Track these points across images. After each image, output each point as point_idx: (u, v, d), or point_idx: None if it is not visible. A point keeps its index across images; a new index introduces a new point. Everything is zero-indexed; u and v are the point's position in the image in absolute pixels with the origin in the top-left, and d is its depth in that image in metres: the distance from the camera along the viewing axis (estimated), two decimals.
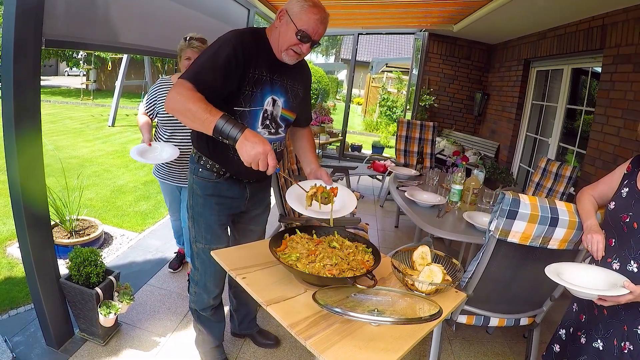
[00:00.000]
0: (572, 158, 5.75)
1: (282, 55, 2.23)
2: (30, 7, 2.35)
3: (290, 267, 1.84)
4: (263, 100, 2.25)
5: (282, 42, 2.19)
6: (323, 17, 2.18)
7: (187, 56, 3.24)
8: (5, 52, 2.33)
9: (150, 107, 3.46)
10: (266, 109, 2.28)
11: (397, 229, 6.01)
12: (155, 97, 3.42)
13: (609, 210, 2.13)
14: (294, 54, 2.22)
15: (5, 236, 4.70)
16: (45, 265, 2.79)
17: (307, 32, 2.15)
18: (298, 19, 2.14)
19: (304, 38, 2.16)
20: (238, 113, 2.21)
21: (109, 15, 3.21)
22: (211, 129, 1.93)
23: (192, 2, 4.44)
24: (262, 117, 2.28)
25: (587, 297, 1.92)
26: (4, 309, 3.37)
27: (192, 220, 2.54)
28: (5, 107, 2.41)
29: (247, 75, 2.17)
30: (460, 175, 3.65)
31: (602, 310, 2.06)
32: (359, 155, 10.67)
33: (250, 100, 2.21)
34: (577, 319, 2.27)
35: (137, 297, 3.55)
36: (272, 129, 2.35)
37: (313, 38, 2.18)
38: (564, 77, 6.03)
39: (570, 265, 2.12)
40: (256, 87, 2.21)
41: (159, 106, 3.40)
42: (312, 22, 2.14)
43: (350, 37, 10.51)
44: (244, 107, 2.21)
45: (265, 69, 2.24)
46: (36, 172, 2.63)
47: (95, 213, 5.45)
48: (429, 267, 1.96)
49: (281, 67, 2.30)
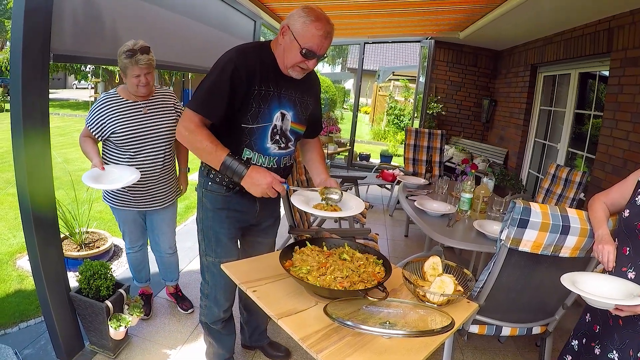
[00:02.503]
0: (582, 163, 5.71)
1: (289, 72, 2.22)
2: (38, 23, 2.37)
3: (301, 280, 1.84)
4: (271, 116, 2.25)
5: (287, 59, 2.17)
6: (327, 32, 2.11)
7: (136, 74, 2.91)
8: (14, 66, 2.36)
9: (98, 127, 3.00)
10: (275, 124, 2.27)
11: (407, 238, 5.99)
12: (107, 115, 2.99)
13: (623, 219, 2.11)
14: (301, 70, 2.21)
15: (16, 249, 4.73)
16: (55, 278, 2.80)
17: (311, 49, 2.10)
18: (301, 37, 2.09)
19: (309, 55, 2.11)
20: (246, 130, 2.22)
21: (115, 29, 3.23)
22: (218, 167, 2.09)
23: (199, 15, 4.48)
24: (271, 133, 2.27)
25: (603, 306, 1.90)
26: (15, 321, 3.39)
27: (202, 233, 2.54)
28: (15, 121, 2.43)
29: (252, 92, 2.17)
30: (470, 184, 3.64)
31: (618, 321, 2.04)
32: (368, 165, 10.65)
33: (257, 116, 2.21)
34: (591, 329, 2.25)
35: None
36: (282, 144, 2.34)
37: (318, 53, 2.13)
38: (572, 82, 6.00)
39: (585, 275, 2.10)
40: (263, 103, 2.20)
41: (115, 125, 2.99)
42: (315, 38, 2.09)
43: (357, 46, 10.53)
44: (251, 124, 2.21)
45: (272, 83, 2.23)
46: (46, 185, 2.64)
47: (104, 225, 5.47)
48: (440, 278, 1.95)
49: (289, 81, 2.28)
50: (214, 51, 4.45)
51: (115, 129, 2.99)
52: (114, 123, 2.99)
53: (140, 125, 3.06)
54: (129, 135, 3.02)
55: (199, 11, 4.51)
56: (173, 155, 3.35)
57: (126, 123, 3.01)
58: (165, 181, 3.31)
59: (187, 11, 4.26)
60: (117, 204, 3.24)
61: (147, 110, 3.11)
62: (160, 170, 3.22)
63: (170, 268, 3.71)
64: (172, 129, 3.20)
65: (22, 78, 2.35)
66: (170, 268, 3.71)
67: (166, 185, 3.33)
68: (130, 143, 3.05)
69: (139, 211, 3.34)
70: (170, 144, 3.24)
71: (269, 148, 2.29)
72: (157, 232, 3.50)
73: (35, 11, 2.34)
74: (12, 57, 2.36)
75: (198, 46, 4.48)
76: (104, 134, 3.02)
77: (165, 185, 3.32)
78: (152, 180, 3.20)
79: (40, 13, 2.38)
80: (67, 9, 2.66)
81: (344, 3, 5.17)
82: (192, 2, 4.35)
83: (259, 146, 2.27)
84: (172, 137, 3.22)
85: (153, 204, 3.29)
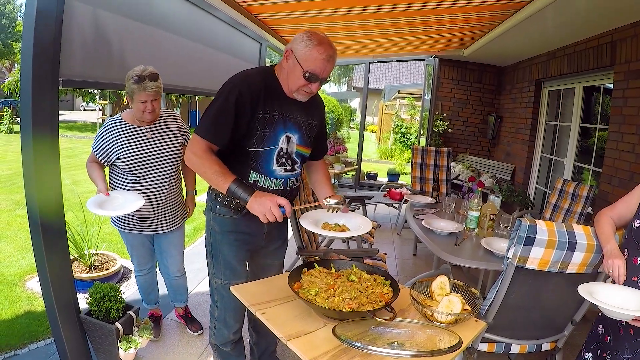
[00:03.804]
0: (589, 177, 5.70)
1: (295, 95, 2.27)
2: (47, 49, 2.42)
3: (310, 301, 1.85)
4: (277, 139, 2.29)
5: (291, 83, 2.23)
6: (329, 56, 2.17)
7: (143, 100, 2.94)
8: (24, 91, 2.41)
9: (103, 152, 3.03)
10: (281, 147, 2.31)
11: (415, 257, 5.98)
12: (112, 141, 3.02)
13: (633, 229, 2.12)
14: (305, 93, 2.26)
15: (25, 270, 4.78)
16: (65, 300, 2.81)
17: (314, 72, 2.16)
18: (304, 61, 2.14)
19: (312, 78, 2.17)
20: (252, 153, 2.26)
21: (123, 54, 3.29)
22: (226, 192, 2.13)
23: (205, 38, 4.56)
24: (277, 156, 2.31)
25: (621, 317, 1.91)
26: (24, 342, 3.42)
27: (211, 256, 2.56)
28: (25, 144, 2.47)
29: (257, 116, 2.21)
30: (477, 202, 3.64)
31: (628, 330, 2.04)
32: (375, 184, 10.66)
33: (263, 140, 2.25)
34: (603, 340, 2.25)
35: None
36: (288, 166, 2.38)
37: (321, 77, 2.19)
38: (576, 96, 6.03)
39: (599, 285, 2.11)
40: (268, 127, 2.25)
41: (120, 150, 3.02)
42: (318, 62, 2.14)
43: (362, 65, 10.58)
44: (257, 147, 2.25)
45: (277, 107, 2.27)
46: (55, 206, 2.67)
47: (113, 247, 5.50)
48: (447, 298, 1.96)
49: (293, 104, 2.33)
50: (220, 74, 4.51)
51: (120, 154, 3.02)
52: (119, 148, 3.02)
53: (144, 150, 3.09)
54: (134, 160, 3.05)
55: (205, 34, 4.58)
56: (179, 178, 3.38)
57: (131, 148, 3.04)
58: (172, 204, 3.33)
59: (194, 34, 4.33)
60: (125, 227, 3.26)
61: (152, 135, 3.14)
62: (167, 194, 3.24)
63: (179, 290, 3.72)
64: (177, 152, 3.23)
65: (32, 103, 2.39)
66: (179, 290, 3.72)
67: (173, 209, 3.35)
68: (136, 168, 3.07)
69: (146, 234, 3.36)
70: (175, 168, 3.26)
71: (275, 171, 2.33)
72: (166, 255, 3.52)
73: (45, 37, 2.39)
74: (22, 82, 2.41)
75: (204, 69, 4.54)
76: (110, 159, 3.05)
77: (172, 208, 3.34)
78: (158, 204, 3.22)
79: (50, 39, 2.43)
80: (76, 35, 2.71)
81: (349, 24, 5.23)
82: (199, 26, 4.42)
83: (265, 169, 2.30)
84: (177, 160, 3.25)
85: (160, 228, 3.31)
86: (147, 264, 3.53)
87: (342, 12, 4.57)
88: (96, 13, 2.92)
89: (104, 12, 3.00)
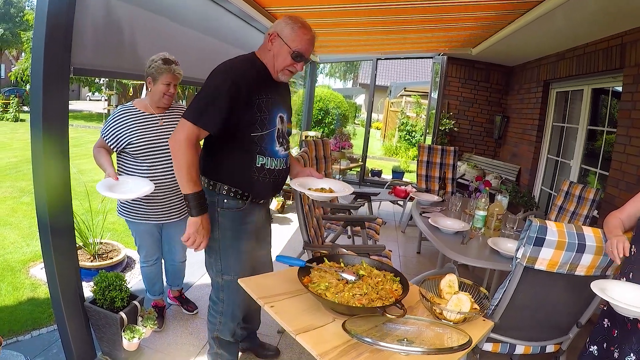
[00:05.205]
0: (595, 180, 5.67)
1: (279, 75, 2.44)
2: (59, 37, 2.44)
3: (319, 296, 1.85)
4: (274, 120, 2.42)
5: (278, 63, 2.40)
6: (312, 37, 2.40)
7: (167, 81, 3.05)
8: (35, 78, 2.43)
9: (114, 137, 3.06)
10: (278, 127, 2.45)
11: (419, 255, 5.97)
12: (122, 127, 3.05)
13: None
14: (289, 73, 2.43)
15: (29, 257, 4.82)
16: (70, 288, 2.83)
17: (300, 52, 2.35)
18: (291, 41, 2.34)
19: (298, 57, 2.37)
20: (256, 138, 2.37)
21: (134, 44, 3.31)
22: (184, 193, 2.31)
23: (216, 31, 4.58)
24: (277, 136, 2.45)
25: (633, 314, 1.91)
26: (27, 329, 3.43)
27: (219, 253, 2.57)
28: (34, 132, 2.49)
29: (254, 102, 2.32)
30: (484, 201, 3.64)
31: (636, 324, 2.06)
32: (379, 181, 10.63)
33: (265, 123, 2.37)
34: (610, 334, 2.25)
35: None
36: (285, 145, 2.54)
37: (306, 56, 2.39)
38: (584, 98, 5.98)
39: (609, 282, 2.11)
40: (266, 110, 2.37)
41: (132, 135, 3.05)
42: (304, 42, 2.35)
43: (369, 62, 10.57)
44: (260, 131, 2.37)
45: (270, 91, 2.42)
46: (63, 195, 2.68)
47: (118, 237, 5.53)
48: (456, 296, 1.96)
49: (276, 86, 2.51)
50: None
51: (132, 140, 3.05)
52: (132, 133, 3.05)
53: (156, 137, 3.12)
54: (146, 145, 3.08)
55: (215, 26, 4.60)
56: None
57: (142, 134, 3.07)
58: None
59: (204, 26, 4.34)
60: (134, 217, 3.27)
61: (163, 123, 3.18)
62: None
63: (178, 275, 3.82)
64: None
65: (43, 89, 2.41)
66: (178, 275, 3.82)
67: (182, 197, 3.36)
68: (148, 153, 3.10)
69: (155, 224, 3.36)
70: None
71: (278, 151, 2.48)
72: (173, 242, 3.56)
73: (57, 25, 2.40)
74: (33, 69, 2.42)
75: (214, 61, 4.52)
76: (120, 145, 3.07)
77: (182, 196, 3.34)
78: (168, 192, 3.25)
79: (62, 27, 2.44)
80: (88, 24, 2.73)
81: (359, 20, 5.22)
82: (209, 18, 4.43)
83: (270, 151, 2.43)
84: None
85: (171, 216, 3.34)
86: (155, 255, 3.54)
87: (353, 8, 4.57)
88: (108, 1, 2.93)
89: (115, 1, 3.01)
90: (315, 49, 2.46)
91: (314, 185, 2.62)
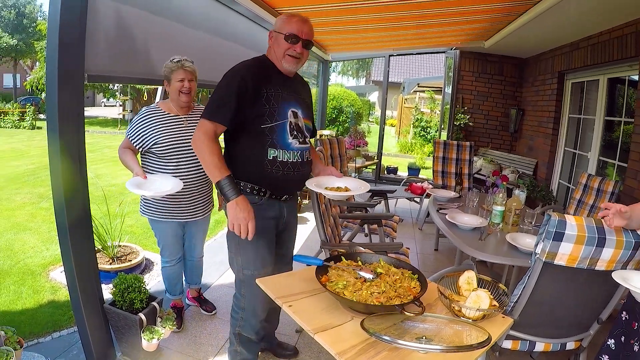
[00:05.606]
0: (613, 172, 5.60)
1: (283, 64, 2.53)
2: (72, 45, 2.47)
3: (338, 295, 1.85)
4: (285, 113, 2.50)
5: (278, 52, 2.52)
6: (302, 18, 2.51)
7: (180, 78, 3.13)
8: (50, 87, 2.45)
9: (140, 137, 3.13)
10: (290, 120, 2.51)
11: (436, 252, 5.94)
12: (149, 127, 3.13)
13: None
14: (292, 58, 2.53)
15: (48, 261, 4.90)
16: (90, 290, 2.86)
17: (293, 33, 2.46)
18: (282, 28, 2.49)
19: (292, 39, 2.47)
20: (267, 130, 2.44)
21: (147, 49, 3.34)
22: (215, 182, 2.36)
23: (227, 33, 4.58)
24: (289, 129, 2.50)
25: None
26: (47, 331, 3.48)
27: (238, 249, 2.61)
28: (51, 137, 2.52)
29: (262, 95, 2.43)
30: (502, 196, 3.60)
31: None
32: (395, 178, 10.60)
33: (274, 115, 2.45)
34: (629, 327, 2.23)
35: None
36: (301, 139, 2.58)
37: (301, 37, 2.48)
38: (600, 88, 5.90)
39: (633, 273, 2.08)
40: (275, 102, 2.46)
41: (158, 135, 3.13)
42: (293, 24, 2.47)
43: (381, 59, 10.54)
44: (270, 122, 2.45)
45: (279, 86, 2.51)
46: (81, 197, 2.72)
47: (135, 239, 5.59)
48: (475, 293, 1.94)
49: (290, 83, 2.62)
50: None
51: (158, 140, 3.12)
52: (158, 133, 3.13)
53: (182, 137, 3.19)
54: (172, 145, 3.15)
55: (227, 29, 4.61)
56: None
57: (168, 134, 3.14)
58: (206, 191, 3.46)
59: (216, 29, 4.36)
60: (158, 216, 3.32)
61: (188, 124, 3.25)
62: (203, 179, 3.35)
63: (197, 272, 3.87)
64: None
65: (59, 97, 2.44)
66: (196, 272, 3.87)
67: (206, 195, 3.48)
68: (174, 153, 3.17)
69: (179, 222, 3.42)
70: None
71: (291, 143, 2.52)
72: (194, 240, 3.65)
73: (70, 34, 2.43)
74: (48, 76, 2.46)
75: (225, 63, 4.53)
76: (145, 145, 3.14)
77: (206, 195, 3.47)
78: (194, 191, 3.33)
79: (74, 35, 2.47)
80: (100, 31, 2.76)
81: (371, 17, 5.20)
82: (220, 20, 4.44)
83: (281, 143, 2.49)
84: None
85: (195, 214, 3.41)
86: (177, 254, 3.59)
87: (365, 5, 4.55)
88: (119, 8, 2.95)
89: (126, 7, 3.04)
90: (326, 47, 2.52)
91: (330, 184, 2.63)
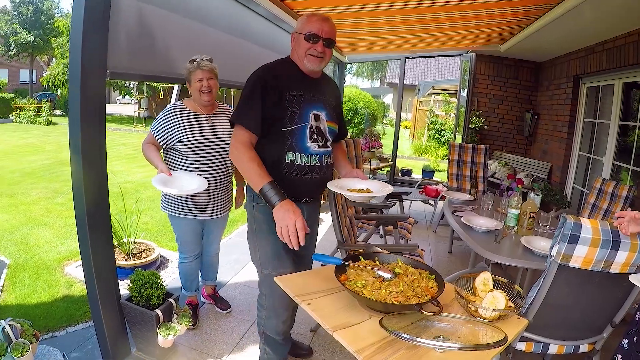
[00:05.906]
0: (628, 177, 5.58)
1: (305, 64, 2.52)
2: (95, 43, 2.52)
3: (357, 293, 1.88)
4: (307, 116, 2.49)
5: (300, 52, 2.52)
6: (322, 17, 2.49)
7: (199, 78, 3.15)
8: (73, 84, 2.51)
9: (164, 134, 3.18)
10: (311, 124, 2.50)
11: (450, 255, 5.95)
12: (173, 124, 3.17)
13: None
14: (314, 58, 2.50)
15: (63, 256, 4.97)
16: (107, 286, 2.90)
17: (313, 32, 2.44)
18: (302, 29, 2.48)
19: (312, 38, 2.45)
20: (287, 132, 2.44)
21: (167, 48, 3.38)
22: (258, 190, 2.33)
23: (247, 34, 4.63)
24: (309, 132, 2.49)
25: None
26: (63, 325, 3.54)
27: (258, 248, 2.65)
28: (73, 135, 2.57)
29: (285, 98, 2.43)
30: (517, 200, 3.62)
31: None
32: (410, 180, 10.58)
33: (295, 118, 2.45)
34: None
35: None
36: (320, 142, 2.56)
37: (322, 36, 2.45)
38: (616, 93, 5.88)
39: None
40: (297, 105, 2.46)
41: (183, 132, 3.16)
42: (313, 23, 2.45)
43: (396, 61, 10.54)
44: (290, 126, 2.44)
45: (302, 89, 2.51)
46: (101, 195, 2.77)
47: (151, 236, 5.66)
48: (491, 294, 1.97)
49: (314, 84, 2.60)
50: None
51: (182, 137, 3.16)
52: (183, 130, 3.17)
53: (205, 135, 3.23)
54: (197, 142, 3.19)
55: (246, 30, 4.65)
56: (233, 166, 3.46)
57: (192, 132, 3.18)
58: (227, 189, 3.51)
59: (235, 29, 4.41)
60: (178, 212, 3.36)
61: (212, 123, 3.29)
62: (224, 178, 3.41)
63: (212, 268, 3.91)
64: None
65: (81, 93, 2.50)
66: (212, 268, 3.91)
67: (227, 193, 3.53)
68: (198, 150, 3.21)
69: (199, 220, 3.44)
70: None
71: (310, 147, 2.51)
72: (212, 236, 3.69)
73: (93, 32, 2.48)
74: (71, 74, 2.53)
75: (245, 64, 4.58)
76: (169, 142, 3.19)
77: (227, 193, 3.52)
78: (216, 189, 3.36)
79: (97, 34, 2.52)
80: (122, 29, 2.81)
81: (389, 19, 5.22)
82: (240, 21, 4.49)
83: (300, 146, 2.48)
84: None
85: (215, 213, 3.45)
86: (196, 250, 3.63)
87: (384, 7, 4.57)
88: (140, 7, 3.01)
89: (149, 6, 3.09)
90: (343, 49, 2.55)
91: (352, 186, 2.62)
